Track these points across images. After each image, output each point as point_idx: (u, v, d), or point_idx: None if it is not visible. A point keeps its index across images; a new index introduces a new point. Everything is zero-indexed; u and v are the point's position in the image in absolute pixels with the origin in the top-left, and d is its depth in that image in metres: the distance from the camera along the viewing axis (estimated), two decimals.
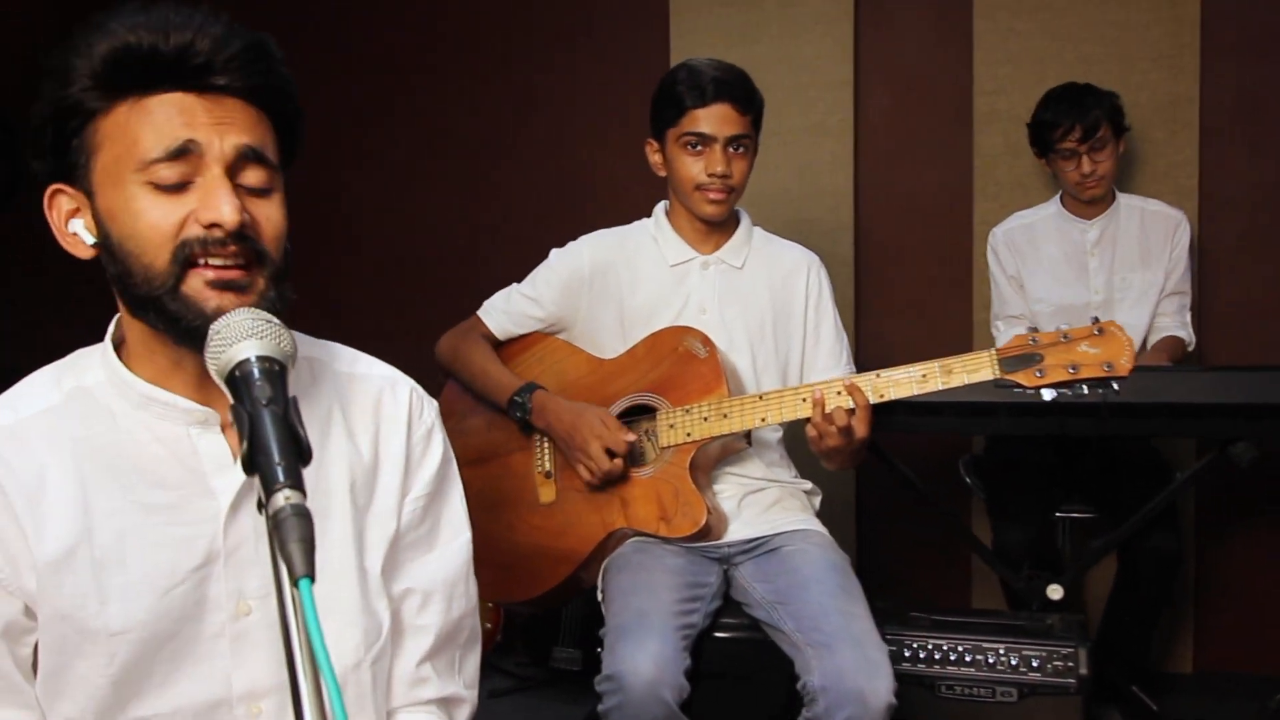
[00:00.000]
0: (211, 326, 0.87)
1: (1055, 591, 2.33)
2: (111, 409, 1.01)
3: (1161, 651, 2.89)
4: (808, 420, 1.75)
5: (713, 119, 1.86)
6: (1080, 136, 2.51)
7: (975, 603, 3.02)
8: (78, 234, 0.99)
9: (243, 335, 0.85)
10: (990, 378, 1.67)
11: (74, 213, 0.99)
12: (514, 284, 2.05)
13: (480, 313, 2.05)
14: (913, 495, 2.60)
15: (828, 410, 1.70)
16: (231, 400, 0.83)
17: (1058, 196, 2.72)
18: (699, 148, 1.88)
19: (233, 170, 0.96)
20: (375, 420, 1.10)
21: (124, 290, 0.97)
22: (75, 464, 0.98)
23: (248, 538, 1.01)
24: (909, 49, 3.05)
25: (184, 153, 0.94)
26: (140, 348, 1.01)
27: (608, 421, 1.84)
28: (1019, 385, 1.65)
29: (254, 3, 1.84)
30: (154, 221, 0.94)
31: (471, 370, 2.01)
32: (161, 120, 0.94)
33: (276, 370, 0.84)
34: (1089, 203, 2.64)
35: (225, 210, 0.93)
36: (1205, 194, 2.82)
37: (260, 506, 0.76)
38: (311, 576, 0.70)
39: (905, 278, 3.08)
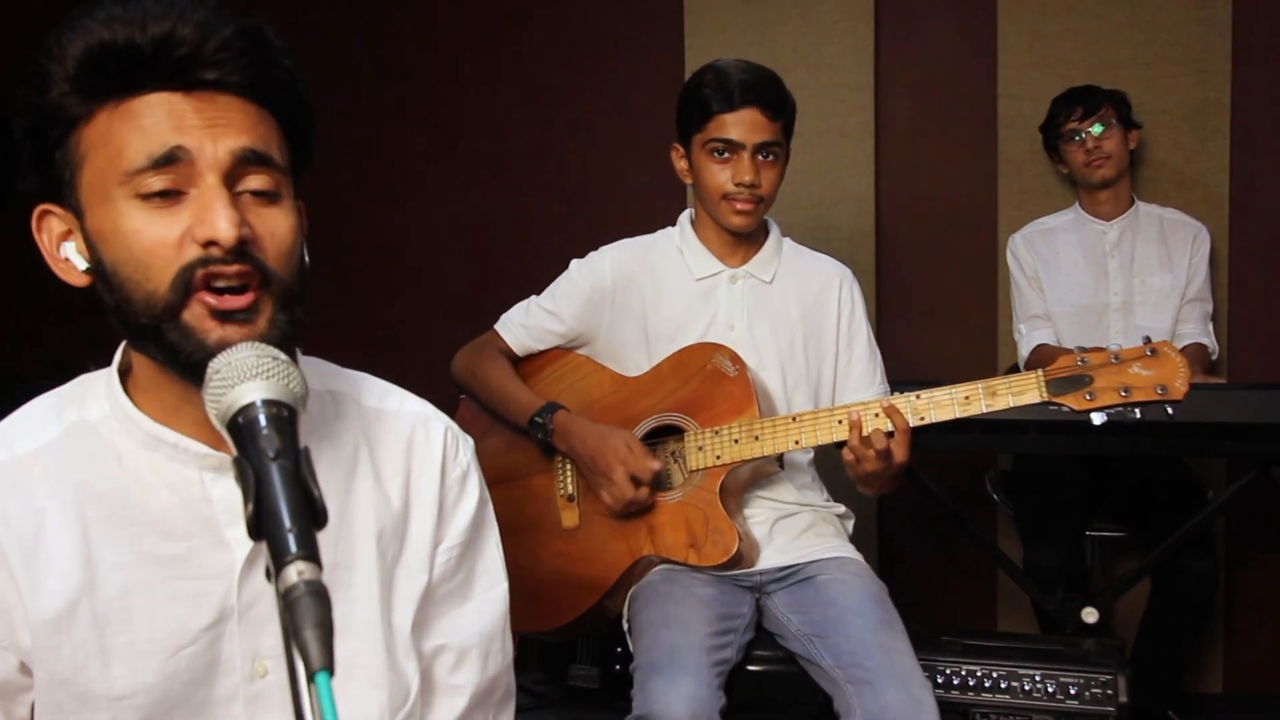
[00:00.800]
0: (210, 365, 0.77)
1: (1090, 615, 2.26)
2: (117, 448, 0.91)
3: (1193, 672, 2.82)
4: (841, 443, 1.68)
5: (741, 125, 1.77)
6: (1082, 115, 2.58)
7: (1002, 624, 2.95)
8: (70, 259, 0.89)
9: (246, 375, 0.75)
10: (1037, 400, 1.58)
11: (65, 235, 0.89)
12: (533, 296, 1.97)
13: (498, 327, 1.97)
14: (938, 512, 2.53)
15: (865, 433, 1.61)
16: (234, 451, 0.73)
17: (1076, 203, 2.73)
18: (726, 155, 1.79)
19: (231, 177, 0.85)
20: (406, 462, 1.01)
21: (122, 320, 0.87)
22: (77, 510, 0.89)
23: (264, 593, 0.92)
24: (931, 51, 2.97)
25: (172, 160, 0.83)
26: (147, 380, 0.92)
27: (633, 446, 1.76)
28: (1068, 408, 1.57)
29: (258, 9, 1.76)
30: (150, 243, 0.84)
31: (489, 388, 1.92)
32: (147, 124, 0.83)
33: (285, 416, 0.74)
34: (1102, 188, 2.63)
35: (221, 225, 0.82)
36: (1236, 203, 2.76)
37: (269, 575, 0.67)
38: (330, 669, 0.61)
39: (928, 285, 3.01)
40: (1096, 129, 2.56)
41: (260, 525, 0.68)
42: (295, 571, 0.64)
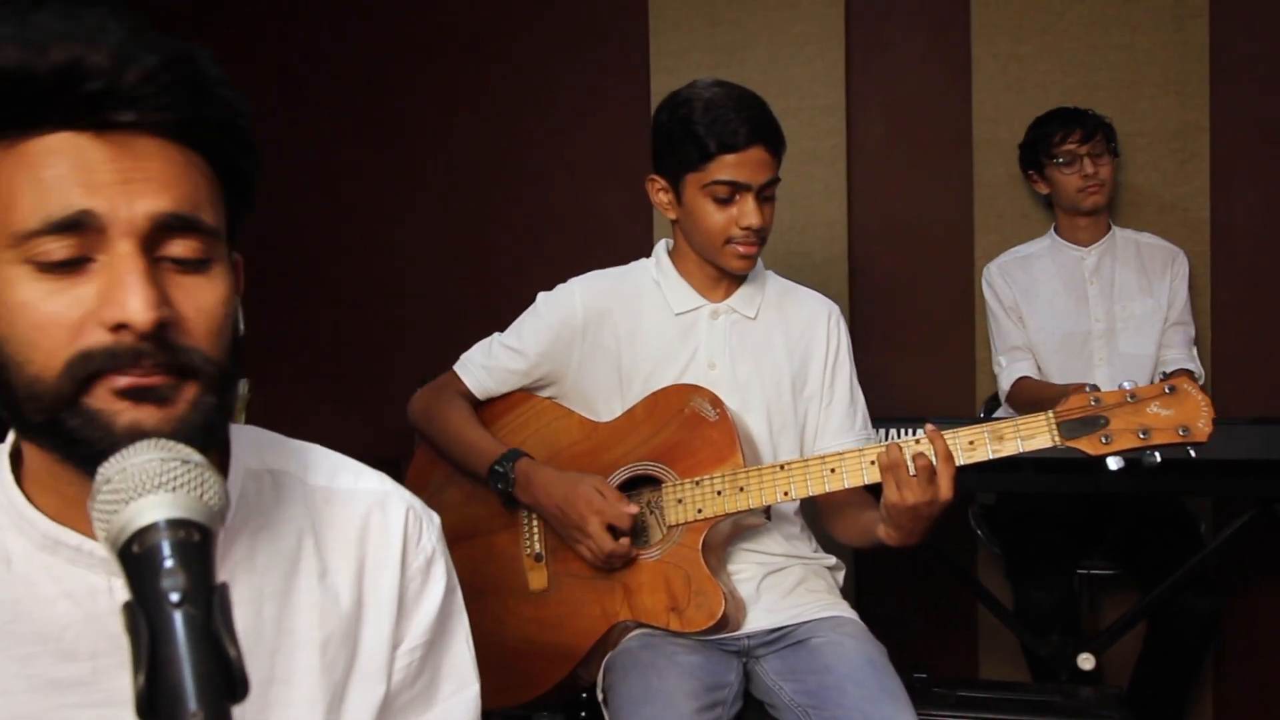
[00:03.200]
0: (99, 470, 0.60)
1: (1087, 661, 2.16)
2: (7, 550, 0.75)
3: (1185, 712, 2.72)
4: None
5: (747, 166, 1.61)
6: (1080, 138, 2.48)
7: (984, 667, 2.83)
8: None
9: (147, 487, 0.59)
10: (1049, 445, 1.46)
11: None
12: (495, 334, 1.80)
13: (457, 367, 1.80)
14: (916, 549, 2.40)
15: (912, 471, 1.42)
16: (125, 593, 0.56)
17: (1051, 229, 2.65)
18: (729, 198, 1.63)
19: (150, 243, 0.70)
20: (359, 552, 0.85)
21: (9, 411, 0.71)
22: None
23: None
24: (904, 73, 2.89)
25: (75, 226, 0.67)
26: (42, 472, 0.75)
27: (605, 492, 1.60)
28: (1082, 453, 1.44)
29: (208, 26, 1.60)
30: (41, 320, 0.68)
31: (446, 434, 1.75)
32: (46, 177, 0.68)
33: (196, 542, 0.58)
34: (1088, 215, 2.55)
35: (134, 304, 0.67)
36: (1217, 227, 2.70)
37: None
38: None
39: (903, 313, 2.91)
40: (1098, 160, 2.48)
41: (154, 706, 0.51)
42: None
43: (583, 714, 2.38)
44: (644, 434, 1.67)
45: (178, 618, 0.53)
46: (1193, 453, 1.41)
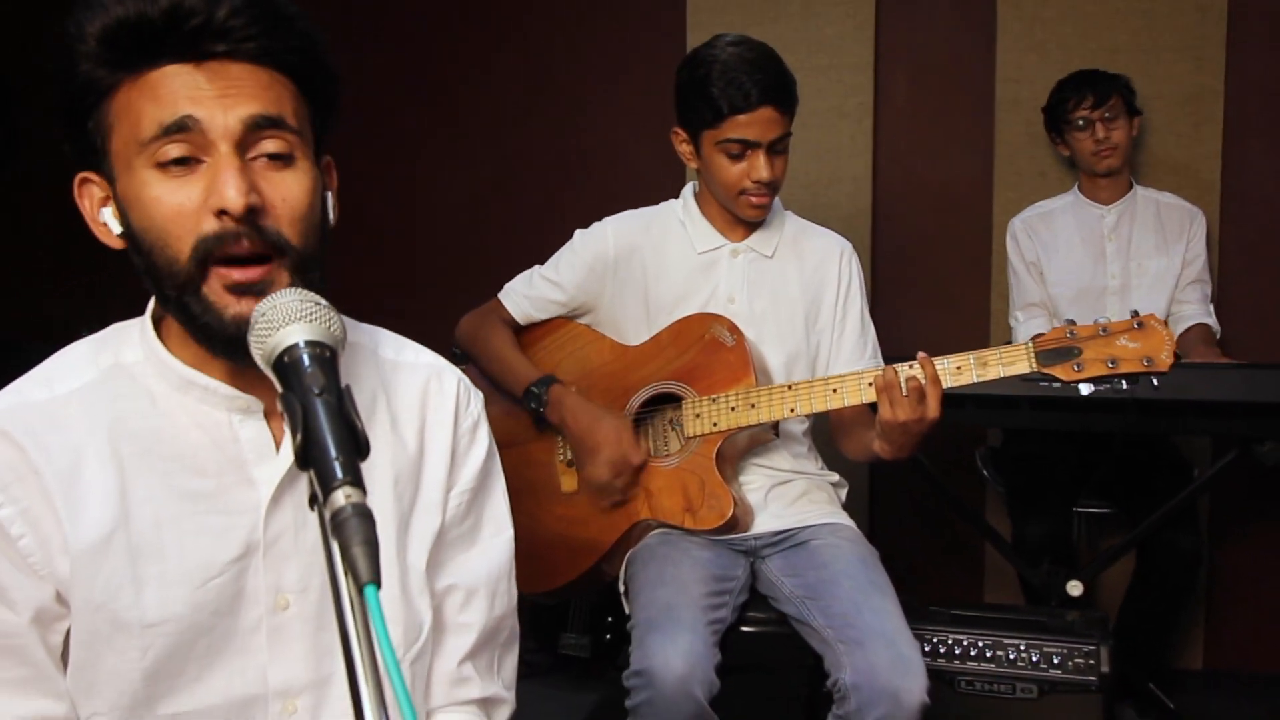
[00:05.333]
0: (256, 308, 0.81)
1: (1075, 588, 2.31)
2: (150, 390, 0.96)
3: (1174, 648, 2.87)
4: (832, 412, 1.71)
5: (757, 125, 1.77)
6: (1093, 104, 2.59)
7: (989, 596, 3.00)
8: (107, 224, 0.93)
9: (291, 318, 0.79)
10: (1027, 371, 1.63)
11: (104, 200, 0.93)
12: (536, 266, 2.00)
13: (501, 296, 2.00)
14: (928, 486, 2.58)
15: (904, 391, 1.60)
16: (280, 388, 0.77)
17: (1075, 186, 2.76)
18: (741, 154, 1.79)
19: (244, 144, 0.89)
20: (422, 411, 1.05)
21: (153, 284, 0.92)
22: (113, 446, 0.93)
23: (287, 530, 0.96)
24: (931, 33, 3.00)
25: (183, 128, 0.87)
26: (179, 329, 0.96)
27: (623, 435, 1.79)
28: (1056, 379, 1.61)
29: None
30: (169, 212, 0.88)
31: (489, 355, 1.96)
32: (161, 95, 0.87)
33: (328, 356, 0.78)
34: (1105, 176, 2.66)
35: (229, 194, 0.86)
36: (1228, 188, 2.80)
37: (313, 503, 0.71)
38: (377, 583, 0.65)
39: (923, 266, 3.04)
40: (1110, 124, 2.58)
41: (307, 455, 0.72)
42: (343, 495, 0.68)
43: (607, 636, 2.60)
44: (668, 356, 1.87)
45: (319, 403, 0.73)
46: (1155, 382, 1.57)
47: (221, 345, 0.90)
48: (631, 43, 3.16)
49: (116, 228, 0.92)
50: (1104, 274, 2.67)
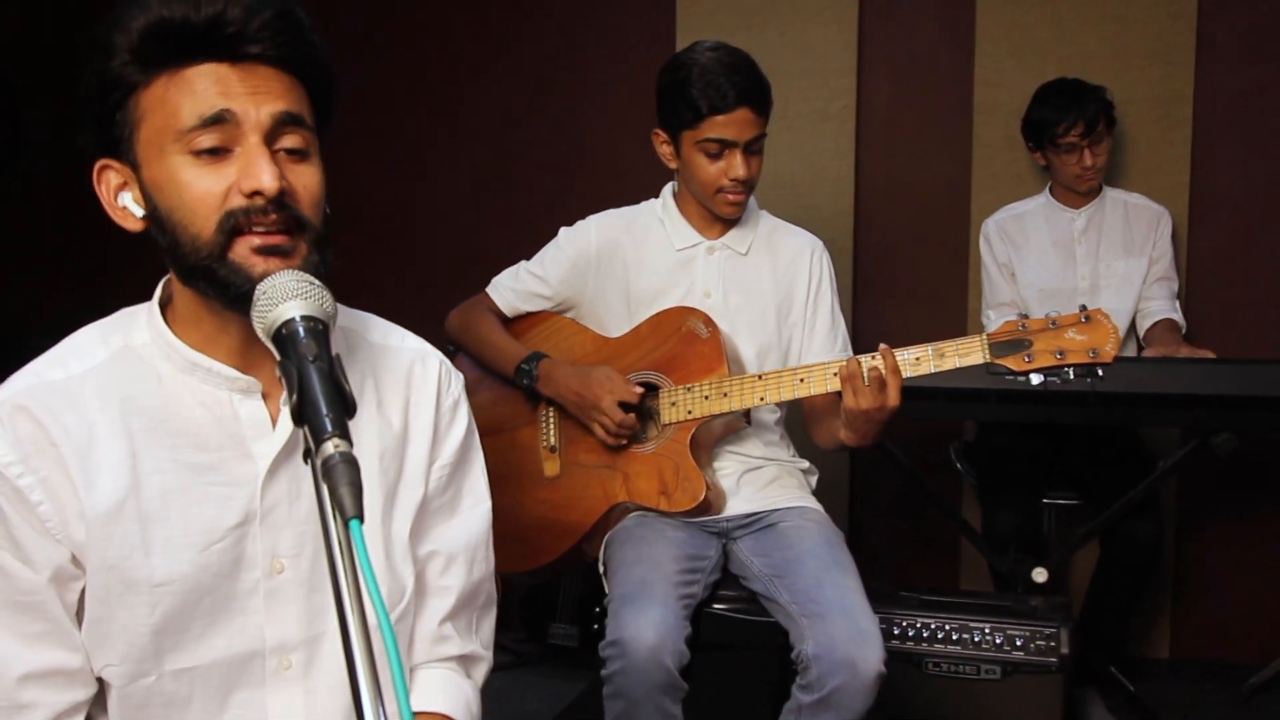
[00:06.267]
0: (258, 288, 0.91)
1: (1040, 574, 2.40)
2: (158, 371, 1.05)
3: (1140, 637, 2.97)
4: (801, 400, 1.79)
5: (734, 125, 1.86)
6: (1083, 131, 2.61)
7: (964, 585, 3.10)
8: (127, 207, 1.02)
9: (288, 295, 0.89)
10: (981, 361, 1.72)
11: (122, 186, 1.02)
12: (522, 261, 2.10)
13: (489, 289, 2.10)
14: (905, 479, 2.67)
15: (866, 380, 1.69)
16: (278, 357, 0.87)
17: (1047, 188, 2.83)
18: (719, 153, 1.89)
19: (270, 137, 0.98)
20: (406, 391, 1.15)
21: (175, 260, 1.01)
22: (124, 422, 1.02)
23: (282, 500, 1.05)
24: (912, 39, 3.09)
25: (219, 120, 0.97)
26: (187, 313, 1.05)
27: (614, 376, 1.89)
28: (1008, 370, 1.70)
29: None
30: (199, 193, 0.97)
31: (480, 342, 2.06)
32: (199, 90, 0.96)
33: (320, 329, 0.88)
34: (1082, 194, 2.73)
35: (265, 178, 0.96)
36: (1196, 191, 2.88)
37: (306, 456, 0.81)
38: (361, 517, 0.74)
39: (904, 265, 3.13)
40: (1096, 149, 2.61)
41: (302, 413, 0.82)
42: (332, 445, 0.78)
43: (595, 626, 2.68)
44: (646, 348, 1.96)
45: (312, 369, 0.83)
46: (1100, 372, 1.66)
47: (246, 305, 0.96)
48: (624, 49, 3.26)
49: (138, 210, 1.01)
50: (1074, 275, 2.75)
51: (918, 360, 1.74)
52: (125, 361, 1.05)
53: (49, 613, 1.01)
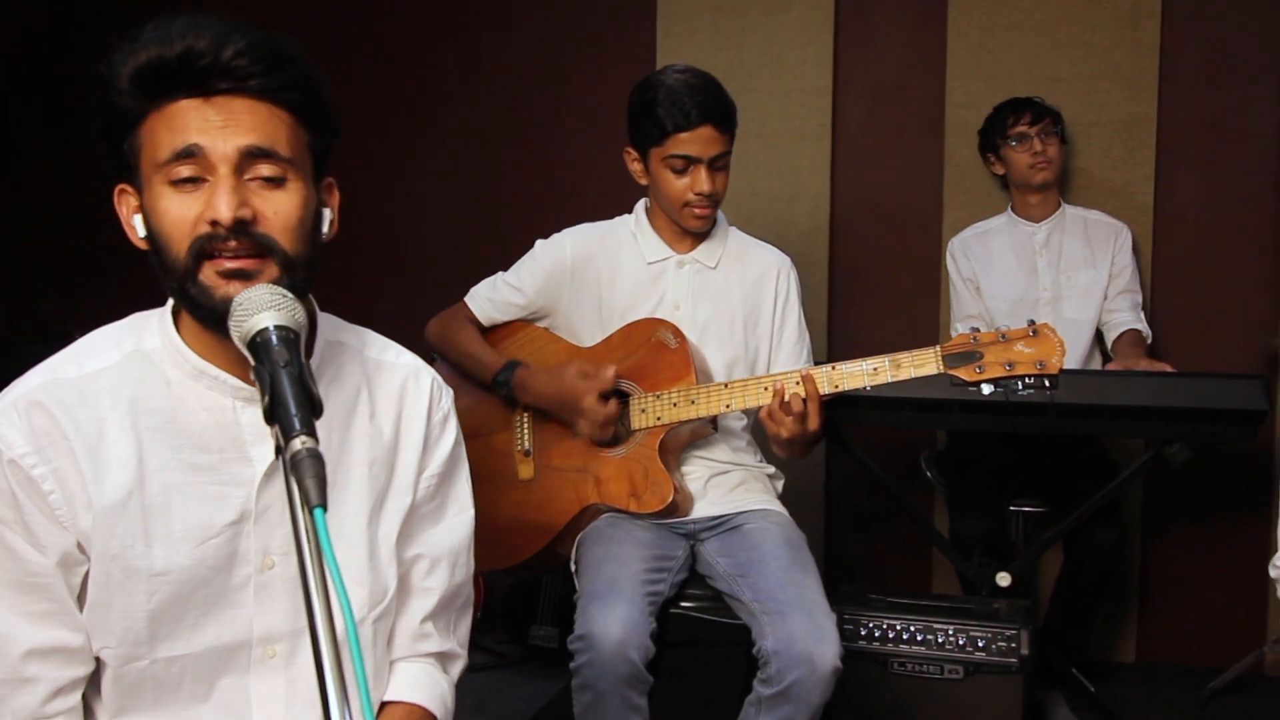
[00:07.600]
0: (235, 299, 0.99)
1: (1004, 579, 2.47)
2: (166, 375, 1.12)
3: (1106, 641, 3.04)
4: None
5: (697, 142, 1.94)
6: (1030, 120, 2.79)
7: (936, 590, 3.17)
8: (135, 227, 1.10)
9: (262, 307, 0.97)
10: (935, 372, 1.80)
11: (136, 208, 1.10)
12: (499, 273, 2.18)
13: (467, 299, 2.18)
14: (877, 487, 2.75)
15: (787, 399, 1.82)
16: (253, 362, 0.95)
17: (1009, 208, 2.95)
18: (684, 169, 1.97)
19: (241, 168, 1.04)
20: (399, 405, 1.22)
21: (163, 278, 1.08)
22: (132, 420, 1.09)
23: (276, 501, 1.12)
24: (885, 60, 3.18)
25: (191, 154, 1.04)
26: (192, 324, 1.12)
27: (586, 369, 1.96)
28: (961, 380, 1.79)
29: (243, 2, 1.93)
30: (174, 219, 1.04)
31: (458, 351, 2.13)
32: (176, 125, 1.03)
33: (292, 338, 0.96)
34: (1039, 190, 2.84)
35: (221, 209, 1.02)
36: (1160, 209, 2.98)
37: (278, 451, 0.88)
38: (324, 506, 0.82)
39: (877, 278, 3.21)
40: (1046, 140, 2.77)
41: (274, 412, 0.89)
42: (299, 442, 0.85)
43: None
44: (618, 357, 2.04)
45: (284, 373, 0.91)
46: (1047, 383, 1.75)
47: (213, 322, 1.05)
48: (606, 70, 3.33)
49: (142, 231, 1.09)
50: (1036, 286, 2.86)
51: (875, 370, 1.82)
52: (136, 364, 1.12)
53: (55, 594, 1.08)
